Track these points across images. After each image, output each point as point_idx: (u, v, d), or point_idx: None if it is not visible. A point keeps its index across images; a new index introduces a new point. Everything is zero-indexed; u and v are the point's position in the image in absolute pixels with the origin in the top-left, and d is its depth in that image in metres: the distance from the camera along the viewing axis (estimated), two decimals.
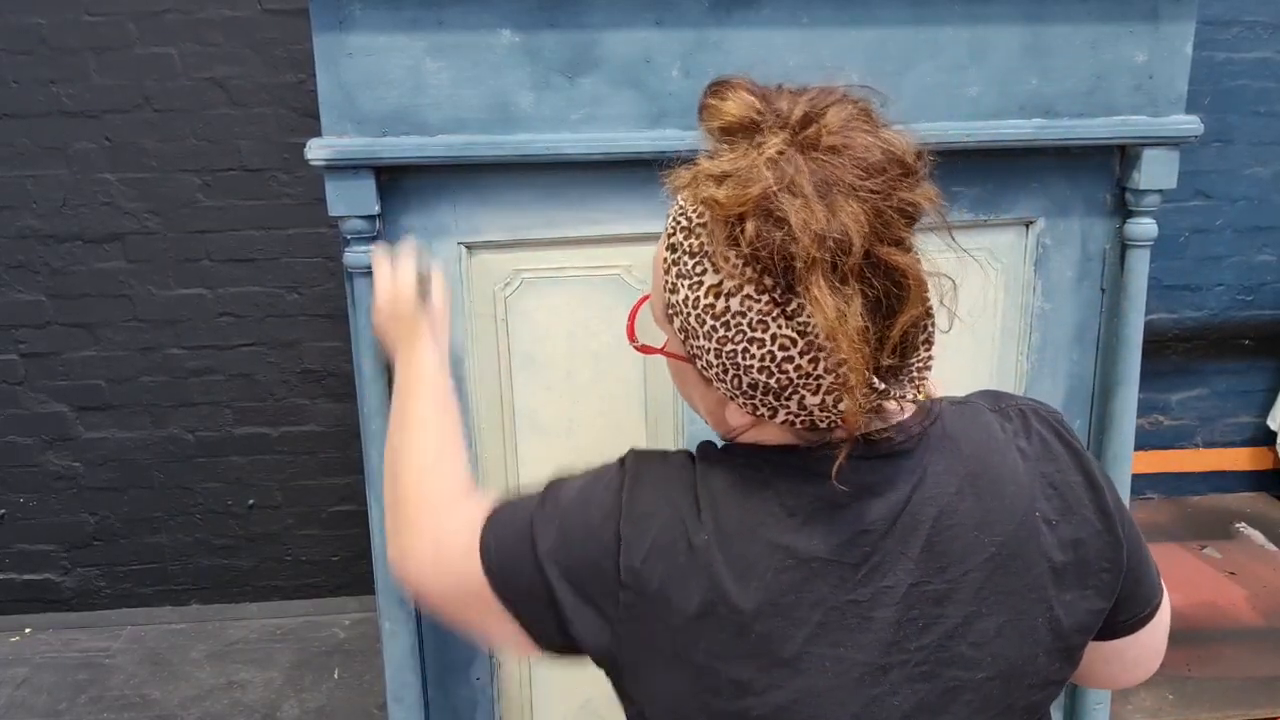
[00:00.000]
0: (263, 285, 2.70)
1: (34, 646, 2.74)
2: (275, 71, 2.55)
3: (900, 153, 0.67)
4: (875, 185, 0.65)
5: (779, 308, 0.67)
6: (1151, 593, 0.83)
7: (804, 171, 0.65)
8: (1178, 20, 1.21)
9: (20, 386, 2.73)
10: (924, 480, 0.74)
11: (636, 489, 0.76)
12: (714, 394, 0.76)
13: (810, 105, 0.68)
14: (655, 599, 0.72)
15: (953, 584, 0.73)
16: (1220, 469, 3.09)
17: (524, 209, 1.18)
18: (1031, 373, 1.34)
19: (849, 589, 0.71)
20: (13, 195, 2.59)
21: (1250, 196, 2.88)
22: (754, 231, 0.65)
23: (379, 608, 1.24)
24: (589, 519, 0.75)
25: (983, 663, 0.73)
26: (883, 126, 0.69)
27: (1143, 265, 1.29)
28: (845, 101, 0.69)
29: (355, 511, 2.87)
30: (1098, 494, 0.79)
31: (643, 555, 0.72)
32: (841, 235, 0.64)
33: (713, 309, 0.69)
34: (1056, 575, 0.75)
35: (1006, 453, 0.77)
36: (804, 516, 0.72)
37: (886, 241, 0.66)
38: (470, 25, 1.11)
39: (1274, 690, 1.99)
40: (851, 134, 0.67)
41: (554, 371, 1.24)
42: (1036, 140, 1.21)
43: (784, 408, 0.71)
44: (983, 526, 0.74)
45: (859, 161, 0.66)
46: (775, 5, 1.14)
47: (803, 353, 0.67)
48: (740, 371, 0.70)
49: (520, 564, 0.76)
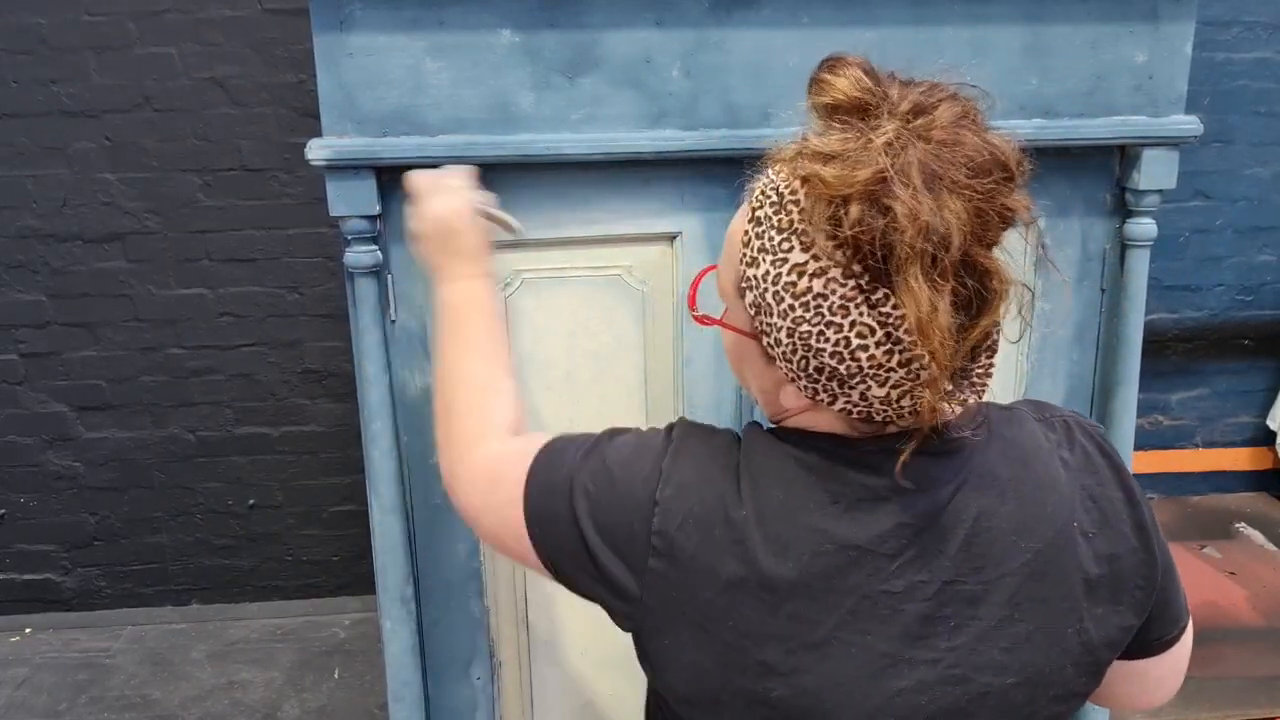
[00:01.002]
0: (263, 285, 2.70)
1: (34, 646, 2.74)
2: (275, 71, 2.55)
3: (1004, 156, 0.67)
4: (980, 186, 0.65)
5: (864, 295, 0.67)
6: (1179, 615, 0.83)
7: (915, 162, 0.65)
8: (1178, 20, 1.21)
9: (20, 386, 2.73)
10: (968, 481, 0.74)
11: (679, 458, 0.77)
12: (772, 374, 0.76)
13: (922, 97, 0.68)
14: (687, 567, 0.72)
15: (987, 586, 0.73)
16: (1220, 469, 3.09)
17: (524, 209, 1.18)
18: (1031, 373, 1.34)
19: (883, 579, 0.71)
20: (13, 195, 2.59)
21: (1250, 196, 2.88)
22: (858, 215, 0.64)
23: (379, 607, 1.24)
24: (630, 481, 0.76)
25: (1012, 668, 0.73)
26: (987, 128, 0.69)
27: (1143, 265, 1.29)
28: (955, 98, 0.68)
29: (356, 511, 2.87)
30: (1136, 511, 0.79)
31: (678, 523, 0.73)
32: (945, 231, 0.64)
33: (794, 287, 0.69)
34: (1090, 588, 0.75)
35: (1050, 461, 0.77)
36: (846, 504, 0.72)
37: (983, 243, 0.66)
38: (470, 25, 1.11)
39: (1274, 690, 1.99)
40: (961, 131, 0.66)
41: (554, 371, 1.24)
42: (1036, 140, 1.20)
43: (845, 396, 0.71)
44: (1021, 532, 0.74)
45: (968, 160, 0.65)
46: (775, 5, 1.14)
47: (879, 343, 0.67)
48: (811, 354, 0.69)
49: (558, 513, 0.78)
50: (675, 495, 0.74)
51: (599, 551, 0.76)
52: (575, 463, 0.79)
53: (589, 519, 0.77)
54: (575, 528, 0.77)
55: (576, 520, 0.77)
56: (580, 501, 0.77)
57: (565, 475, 0.79)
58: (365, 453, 1.21)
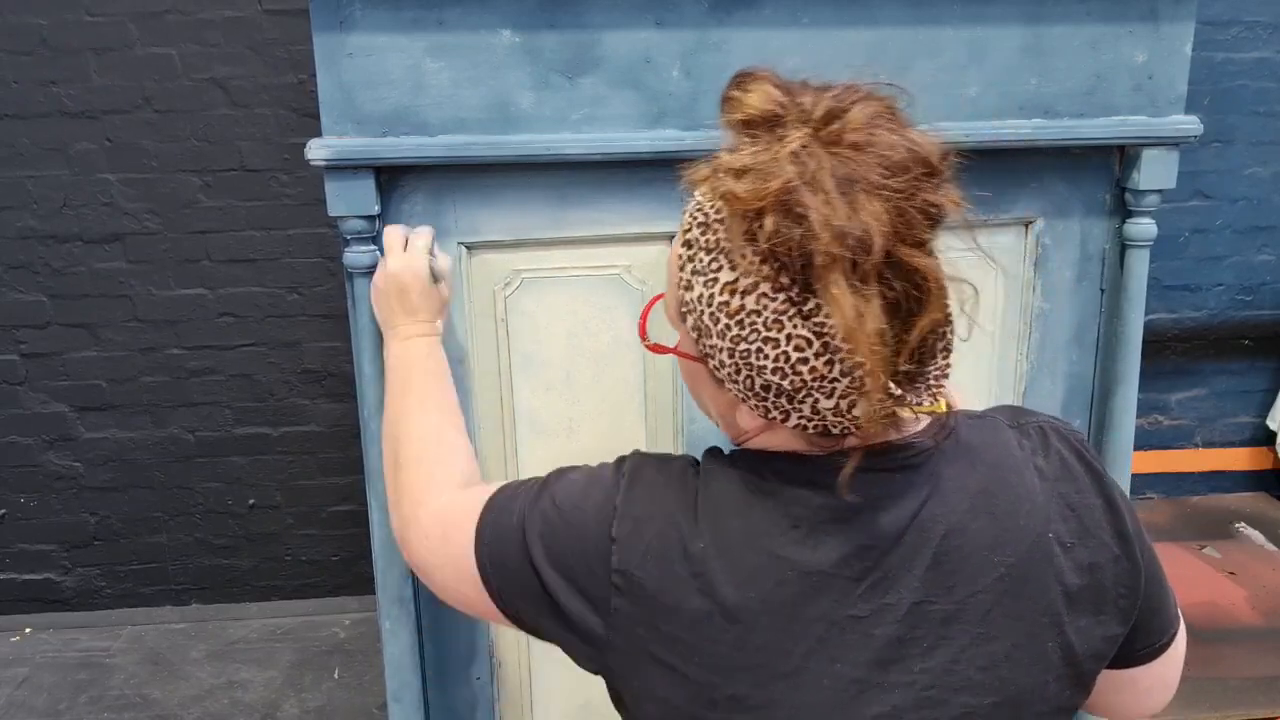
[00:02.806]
0: (263, 285, 2.70)
1: (34, 646, 2.75)
2: (275, 71, 2.56)
3: (925, 153, 0.66)
4: (898, 184, 0.64)
5: (795, 307, 0.66)
6: (1168, 623, 0.81)
7: (826, 167, 0.64)
8: (1177, 20, 1.21)
9: (21, 386, 2.73)
10: (934, 495, 0.72)
11: (633, 491, 0.75)
12: (725, 396, 0.75)
13: (835, 101, 0.67)
14: (649, 604, 0.71)
15: (960, 605, 0.71)
16: (1220, 469, 3.09)
17: (524, 209, 1.18)
18: (1031, 373, 1.34)
19: (849, 604, 0.70)
20: (13, 195, 2.59)
21: (1250, 196, 2.88)
22: (773, 227, 0.64)
23: (379, 607, 1.24)
24: (584, 520, 0.74)
25: (991, 688, 0.71)
26: (907, 126, 0.68)
27: (1142, 265, 1.29)
28: (870, 99, 0.67)
29: (355, 511, 2.87)
30: (1117, 518, 0.76)
31: (637, 559, 0.71)
32: (862, 233, 0.62)
33: (727, 307, 0.68)
34: (1070, 600, 0.73)
35: (1023, 471, 0.75)
36: (808, 528, 0.70)
37: (908, 242, 0.65)
38: (470, 25, 1.11)
39: (1274, 690, 1.99)
40: (876, 131, 0.65)
41: (554, 371, 1.24)
42: (1036, 140, 1.21)
43: (796, 411, 0.69)
44: (994, 546, 0.72)
45: (883, 159, 0.64)
46: (775, 5, 1.14)
47: (818, 354, 0.66)
48: (754, 372, 0.68)
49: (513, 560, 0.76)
50: (632, 531, 0.72)
51: (559, 593, 0.74)
52: (526, 507, 0.77)
53: (546, 562, 0.74)
54: (533, 573, 0.75)
55: (533, 565, 0.75)
56: (535, 546, 0.75)
57: (517, 521, 0.77)
58: (364, 453, 1.21)
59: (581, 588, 0.73)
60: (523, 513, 0.77)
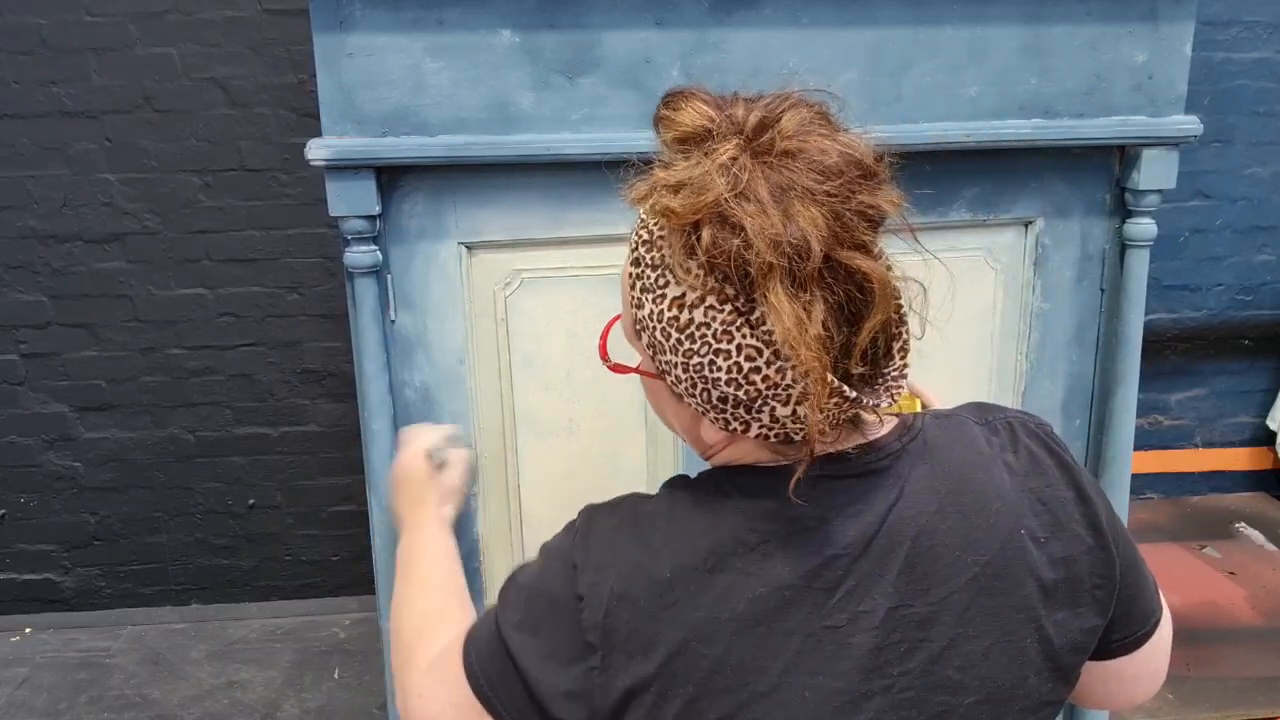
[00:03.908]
0: (263, 285, 2.70)
1: (34, 646, 2.75)
2: (275, 71, 2.56)
3: (859, 155, 0.66)
4: (833, 188, 0.64)
5: (742, 317, 0.66)
6: (1149, 610, 0.81)
7: (759, 177, 0.64)
8: (1177, 20, 1.21)
9: (21, 386, 2.73)
10: (901, 499, 0.71)
11: (589, 544, 0.74)
12: (687, 411, 0.75)
13: (765, 111, 0.67)
14: (625, 649, 0.70)
15: (936, 606, 0.71)
16: (1220, 469, 3.09)
17: (524, 209, 1.18)
18: (1031, 372, 1.34)
19: (824, 615, 0.69)
20: (13, 195, 2.59)
21: (1250, 196, 2.88)
22: (710, 239, 0.64)
23: (379, 607, 1.24)
24: (549, 590, 0.73)
25: (970, 687, 0.71)
26: (840, 130, 0.68)
27: (1142, 265, 1.29)
28: (801, 106, 0.68)
29: (355, 511, 2.87)
30: (1089, 509, 0.76)
31: (604, 609, 0.70)
32: (799, 240, 0.62)
33: (677, 321, 0.68)
34: (1046, 594, 0.73)
35: (992, 468, 0.75)
36: (775, 542, 0.70)
37: (847, 245, 0.65)
38: (470, 25, 1.11)
39: (1274, 690, 1.99)
40: (807, 138, 0.65)
41: (554, 371, 1.24)
42: (1036, 140, 1.21)
43: (756, 420, 0.70)
44: (966, 546, 0.71)
45: (815, 165, 0.64)
46: (775, 5, 1.14)
47: (769, 362, 0.66)
48: (709, 385, 0.69)
49: (495, 664, 0.74)
50: (595, 581, 0.71)
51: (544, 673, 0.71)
52: (497, 613, 0.76)
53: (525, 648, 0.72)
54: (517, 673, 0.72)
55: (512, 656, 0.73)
56: (512, 638, 0.73)
57: (493, 629, 0.75)
58: (365, 453, 1.21)
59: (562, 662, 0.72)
60: (495, 618, 0.76)
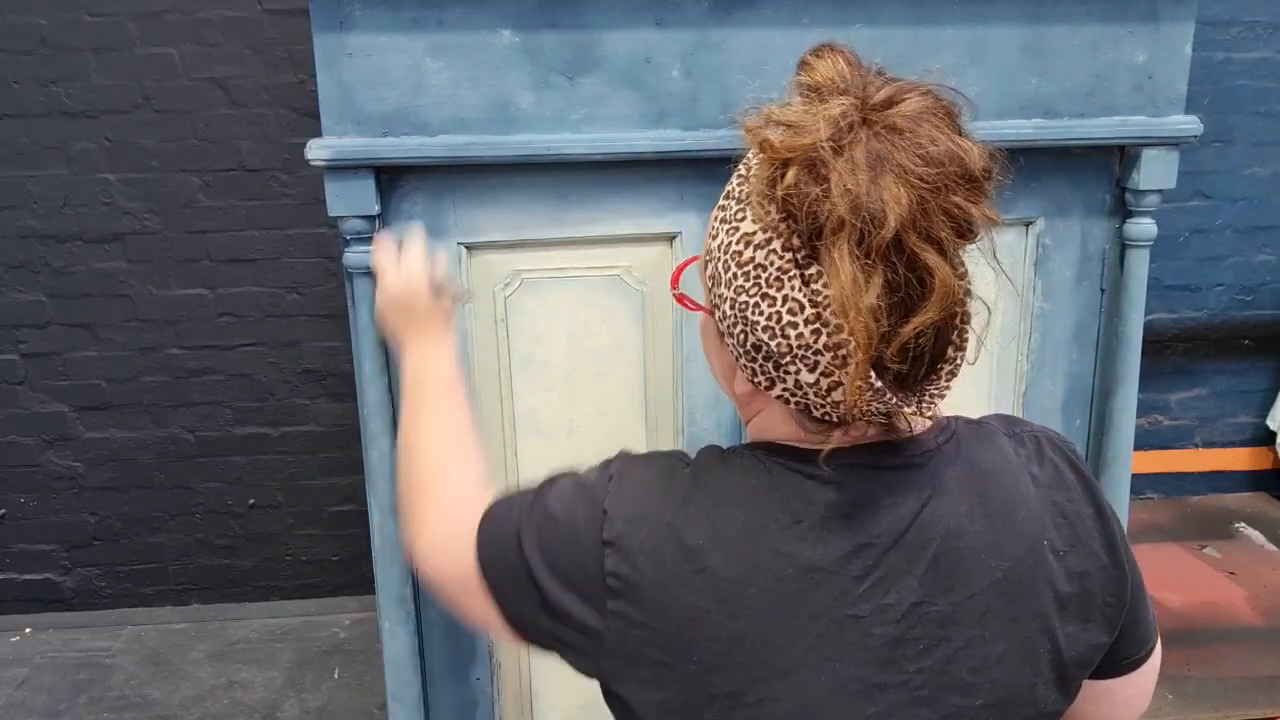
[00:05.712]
0: (263, 285, 2.71)
1: (34, 646, 2.74)
2: (275, 71, 2.56)
3: (965, 157, 0.65)
4: (928, 175, 0.63)
5: (799, 269, 0.66)
6: (1148, 634, 0.82)
7: (861, 140, 0.64)
8: (1177, 20, 1.21)
9: (21, 386, 2.73)
10: (934, 497, 0.72)
11: (621, 493, 0.74)
12: (727, 356, 0.75)
13: (895, 90, 0.67)
14: (646, 603, 0.70)
15: (957, 607, 0.71)
16: (1220, 469, 3.09)
17: (524, 209, 1.18)
18: (1031, 373, 1.34)
19: (850, 603, 0.69)
20: (13, 195, 2.59)
21: (1250, 196, 2.88)
22: (792, 180, 0.65)
23: (379, 608, 1.24)
24: (574, 527, 0.74)
25: (981, 689, 0.72)
26: (960, 131, 0.67)
27: (1142, 265, 1.29)
28: (930, 96, 0.67)
29: (355, 511, 2.87)
30: (1107, 527, 0.77)
31: (631, 560, 0.71)
32: (877, 209, 0.62)
33: (739, 257, 0.69)
34: (1061, 605, 0.74)
35: (1019, 477, 0.76)
36: (809, 524, 0.70)
37: (922, 235, 0.64)
38: (470, 25, 1.11)
39: (1274, 690, 1.99)
40: (921, 123, 0.65)
41: (554, 371, 1.24)
42: (1036, 140, 1.21)
43: (780, 380, 0.70)
44: (991, 550, 0.72)
45: (918, 149, 0.64)
46: (775, 5, 1.14)
47: (807, 321, 0.67)
48: (748, 327, 0.69)
49: (513, 572, 0.76)
50: (624, 532, 0.72)
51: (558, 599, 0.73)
52: (522, 518, 0.77)
53: (545, 571, 0.74)
54: (533, 583, 0.75)
55: (533, 575, 0.75)
56: (533, 557, 0.75)
57: (514, 532, 0.77)
58: (364, 453, 1.21)
59: (580, 592, 0.73)
60: (519, 524, 0.77)
